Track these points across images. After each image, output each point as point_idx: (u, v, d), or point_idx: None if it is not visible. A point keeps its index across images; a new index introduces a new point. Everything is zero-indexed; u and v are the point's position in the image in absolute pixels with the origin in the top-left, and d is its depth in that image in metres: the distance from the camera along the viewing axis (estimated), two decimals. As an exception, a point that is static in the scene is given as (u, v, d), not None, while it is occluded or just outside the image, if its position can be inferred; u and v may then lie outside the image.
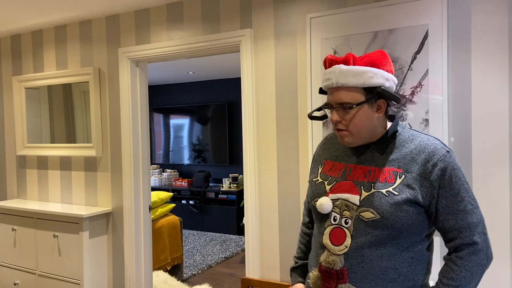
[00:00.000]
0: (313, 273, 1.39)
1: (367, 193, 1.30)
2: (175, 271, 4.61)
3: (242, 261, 5.38)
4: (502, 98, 1.98)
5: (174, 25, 2.93)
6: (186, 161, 7.44)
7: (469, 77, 2.05)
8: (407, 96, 2.16)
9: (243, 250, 5.81)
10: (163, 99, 7.80)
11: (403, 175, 1.29)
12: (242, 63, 2.66)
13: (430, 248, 1.37)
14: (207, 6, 2.80)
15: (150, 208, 3.26)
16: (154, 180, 7.46)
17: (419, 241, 1.32)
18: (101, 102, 3.28)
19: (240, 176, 6.94)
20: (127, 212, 3.17)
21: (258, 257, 2.67)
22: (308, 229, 1.63)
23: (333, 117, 1.34)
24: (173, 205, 4.78)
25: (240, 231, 6.72)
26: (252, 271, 2.68)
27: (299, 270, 1.62)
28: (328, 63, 1.38)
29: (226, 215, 6.76)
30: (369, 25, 2.25)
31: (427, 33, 2.11)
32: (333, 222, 1.34)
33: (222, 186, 6.91)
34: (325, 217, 1.37)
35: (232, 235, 6.66)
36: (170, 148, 7.60)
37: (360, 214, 1.29)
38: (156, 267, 4.30)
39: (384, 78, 1.33)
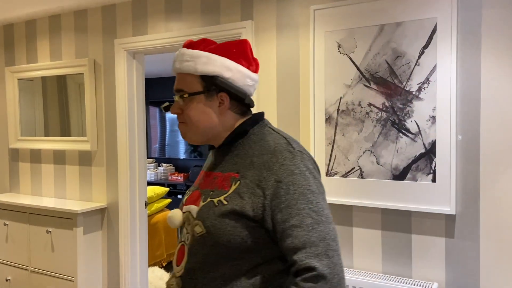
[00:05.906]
0: None
1: (203, 203, 1.11)
2: (171, 267, 4.55)
3: (239, 257, 5.32)
4: (513, 95, 1.92)
5: (172, 16, 2.85)
6: (182, 155, 7.36)
7: (479, 73, 1.98)
8: (413, 92, 2.10)
9: (239, 246, 5.76)
10: (160, 92, 7.70)
11: (238, 182, 1.08)
12: (242, 56, 2.58)
13: (286, 273, 1.07)
14: (206, -4, 2.71)
15: (146, 204, 3.19)
16: (150, 175, 7.38)
17: (263, 264, 1.06)
18: (97, 94, 3.20)
19: (237, 171, 6.88)
20: (123, 208, 3.09)
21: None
22: None
23: (172, 107, 1.17)
24: (169, 200, 4.71)
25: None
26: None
27: None
28: (184, 46, 1.22)
29: (223, 210, 6.71)
30: (375, 18, 2.18)
31: (435, 27, 2.04)
32: (181, 239, 1.16)
33: (219, 181, 6.84)
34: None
35: (228, 231, 6.61)
36: (166, 142, 7.52)
37: (193, 228, 1.09)
38: (151, 263, 4.24)
39: (224, 67, 1.12)
